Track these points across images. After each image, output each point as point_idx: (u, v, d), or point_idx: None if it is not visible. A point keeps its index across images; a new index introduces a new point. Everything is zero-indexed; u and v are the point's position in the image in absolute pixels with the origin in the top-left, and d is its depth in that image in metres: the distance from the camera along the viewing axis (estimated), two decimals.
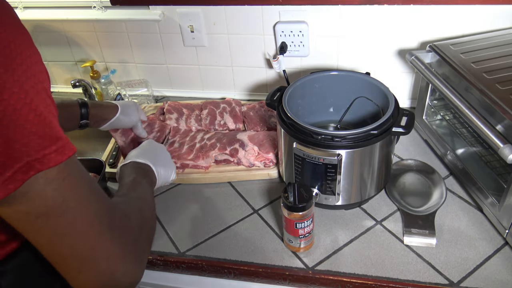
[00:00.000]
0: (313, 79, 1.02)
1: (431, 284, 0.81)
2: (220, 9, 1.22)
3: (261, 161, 1.08)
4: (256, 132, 1.16)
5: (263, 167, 1.08)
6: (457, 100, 0.87)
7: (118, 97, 1.32)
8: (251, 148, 1.08)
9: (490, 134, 0.79)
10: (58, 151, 0.48)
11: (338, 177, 0.88)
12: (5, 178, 0.45)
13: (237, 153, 1.08)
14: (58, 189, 0.49)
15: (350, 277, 0.84)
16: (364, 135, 0.84)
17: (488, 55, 0.94)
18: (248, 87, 1.38)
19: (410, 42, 1.16)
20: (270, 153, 1.08)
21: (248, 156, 1.07)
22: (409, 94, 1.26)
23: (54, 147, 0.47)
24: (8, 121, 0.44)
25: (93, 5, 1.28)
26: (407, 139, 1.15)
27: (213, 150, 1.09)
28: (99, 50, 1.39)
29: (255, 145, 1.09)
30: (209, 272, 0.91)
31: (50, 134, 0.47)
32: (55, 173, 0.49)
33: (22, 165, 0.45)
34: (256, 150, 1.08)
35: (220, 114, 1.23)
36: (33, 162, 0.46)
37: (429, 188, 1.00)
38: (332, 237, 0.92)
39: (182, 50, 1.33)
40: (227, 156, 1.09)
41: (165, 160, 0.92)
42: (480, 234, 0.89)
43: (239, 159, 1.08)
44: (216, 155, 1.10)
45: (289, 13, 1.18)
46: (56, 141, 0.48)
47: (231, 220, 0.98)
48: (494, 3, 1.02)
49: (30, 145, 0.45)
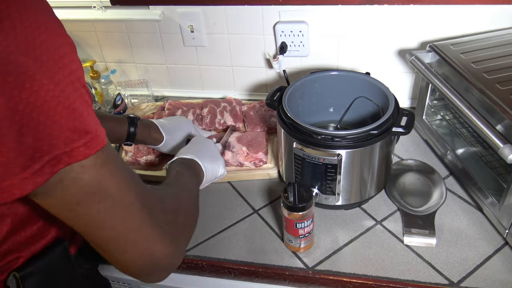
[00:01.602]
0: (313, 79, 1.02)
1: (431, 284, 0.81)
2: (220, 9, 1.22)
3: (251, 161, 1.08)
4: (244, 133, 1.16)
5: (254, 167, 1.08)
6: (457, 100, 0.87)
7: (118, 97, 1.32)
8: (239, 148, 1.08)
9: (490, 134, 0.79)
10: (87, 145, 0.47)
11: (338, 177, 0.88)
12: (34, 171, 0.45)
13: (223, 155, 1.08)
14: (96, 175, 0.49)
15: (350, 277, 0.84)
16: (364, 135, 0.84)
17: (488, 55, 0.94)
18: (248, 87, 1.38)
19: (410, 42, 1.16)
20: (259, 152, 1.08)
21: (236, 156, 1.07)
22: (409, 94, 1.26)
23: (83, 140, 0.47)
24: (38, 114, 0.43)
25: (93, 5, 1.28)
26: (407, 139, 1.15)
27: None
28: (99, 50, 1.39)
29: (243, 145, 1.09)
30: (209, 272, 0.91)
31: (79, 127, 0.47)
32: (92, 161, 0.48)
33: (50, 158, 0.45)
34: (245, 150, 1.08)
35: (220, 112, 1.23)
36: (61, 155, 0.45)
37: (429, 188, 1.00)
38: (332, 237, 0.92)
39: (182, 50, 1.33)
40: None
41: (213, 155, 0.91)
42: (480, 234, 0.89)
43: (226, 160, 1.07)
44: None
45: (289, 13, 1.18)
46: (86, 134, 0.47)
47: (231, 220, 0.98)
48: (494, 3, 1.02)
49: (59, 138, 0.45)
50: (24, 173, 0.44)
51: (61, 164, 0.46)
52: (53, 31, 0.46)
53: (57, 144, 0.45)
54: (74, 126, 0.46)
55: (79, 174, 0.48)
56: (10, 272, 0.59)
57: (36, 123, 0.43)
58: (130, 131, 0.98)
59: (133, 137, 0.99)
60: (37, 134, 0.44)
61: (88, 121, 0.48)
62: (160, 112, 1.26)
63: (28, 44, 0.42)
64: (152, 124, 1.03)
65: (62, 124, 0.45)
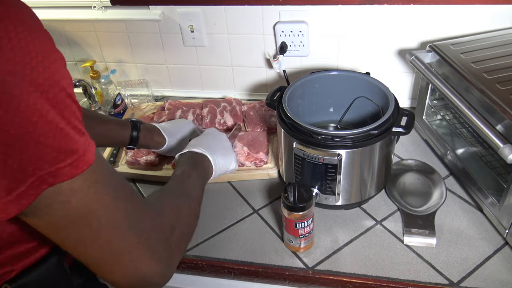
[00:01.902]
0: (313, 79, 1.02)
1: (431, 284, 0.81)
2: (220, 9, 1.22)
3: (251, 161, 1.08)
4: (245, 133, 1.16)
5: (254, 167, 1.08)
6: (457, 100, 0.87)
7: (118, 97, 1.32)
8: (240, 148, 1.08)
9: (490, 134, 0.79)
10: (73, 165, 0.46)
11: (338, 177, 0.88)
12: (19, 193, 0.44)
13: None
14: (83, 199, 0.48)
15: (350, 277, 0.84)
16: (364, 135, 0.84)
17: (488, 55, 0.94)
18: (248, 87, 1.38)
19: (410, 42, 1.16)
20: (260, 152, 1.08)
21: (237, 157, 1.07)
22: (409, 94, 1.26)
23: (68, 160, 0.46)
24: (23, 134, 0.42)
25: (93, 5, 1.28)
26: (407, 139, 1.15)
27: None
28: (99, 50, 1.39)
29: (244, 145, 1.09)
30: (209, 272, 0.91)
31: (65, 147, 0.45)
32: (80, 182, 0.47)
33: (34, 180, 0.44)
34: (246, 150, 1.08)
35: (220, 112, 1.23)
36: (45, 175, 0.45)
37: (429, 188, 1.00)
38: (332, 237, 0.92)
39: (182, 50, 1.33)
40: None
41: (224, 149, 0.90)
42: (480, 234, 0.89)
43: None
44: None
45: (289, 13, 1.18)
46: (71, 154, 0.46)
47: (231, 220, 0.98)
48: (494, 3, 1.02)
49: (44, 158, 0.44)
50: (8, 196, 0.44)
51: (45, 185, 0.45)
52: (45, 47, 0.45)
53: (42, 165, 0.44)
54: (59, 146, 0.45)
55: (67, 198, 0.47)
56: (1, 284, 0.58)
57: (21, 144, 0.42)
58: (133, 135, 0.97)
59: (136, 141, 0.98)
60: (22, 156, 0.43)
61: (74, 139, 0.46)
62: (160, 112, 1.26)
63: (17, 62, 0.41)
64: (154, 128, 1.03)
65: (48, 144, 0.44)
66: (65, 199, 0.47)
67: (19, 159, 0.43)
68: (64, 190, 0.46)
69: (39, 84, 0.43)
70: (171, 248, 0.61)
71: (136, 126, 0.98)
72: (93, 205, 0.50)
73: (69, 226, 0.49)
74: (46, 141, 0.44)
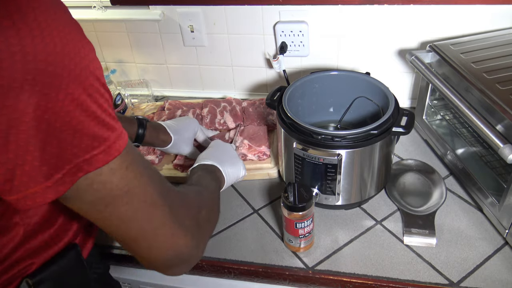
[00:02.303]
0: (313, 79, 1.02)
1: (431, 284, 0.81)
2: (220, 9, 1.22)
3: (254, 154, 1.08)
4: (245, 127, 1.16)
5: (257, 161, 1.08)
6: (457, 100, 0.87)
7: (118, 97, 1.32)
8: (241, 142, 1.09)
9: (490, 134, 0.79)
10: (106, 151, 0.47)
11: (338, 177, 0.88)
12: (56, 180, 0.45)
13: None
14: (123, 178, 0.50)
15: (350, 277, 0.84)
16: (364, 135, 0.84)
17: (488, 55, 0.94)
18: (248, 87, 1.38)
19: (410, 42, 1.16)
20: (262, 146, 1.08)
21: (239, 149, 1.08)
22: (409, 94, 1.26)
23: (102, 147, 0.47)
24: (61, 123, 0.43)
25: (93, 5, 1.28)
26: (407, 139, 1.15)
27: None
28: (99, 50, 1.39)
29: (245, 138, 1.09)
30: (209, 272, 0.91)
31: (99, 134, 0.47)
32: (118, 163, 0.49)
33: (71, 167, 0.45)
34: (246, 143, 1.08)
35: (220, 112, 1.23)
36: (81, 163, 0.46)
37: (429, 188, 1.00)
38: (332, 237, 0.92)
39: (182, 50, 1.33)
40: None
41: (232, 159, 0.92)
42: (480, 234, 0.89)
43: None
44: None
45: (289, 13, 1.18)
46: (104, 141, 0.47)
47: (231, 220, 0.98)
48: (494, 3, 1.02)
49: (80, 146, 0.45)
50: (47, 182, 0.45)
51: (80, 173, 0.46)
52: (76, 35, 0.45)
53: (78, 152, 0.45)
54: (94, 133, 0.46)
55: (108, 177, 0.49)
56: (23, 278, 0.59)
57: (60, 132, 0.44)
58: (139, 132, 0.98)
59: (141, 138, 0.99)
60: (60, 143, 0.44)
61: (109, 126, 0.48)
62: (160, 112, 1.26)
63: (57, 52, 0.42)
64: (160, 126, 1.04)
65: (84, 132, 0.45)
66: (106, 179, 0.49)
67: (58, 146, 0.44)
68: (104, 170, 0.48)
69: (76, 74, 0.44)
70: (200, 226, 0.63)
71: (142, 124, 0.99)
72: (132, 183, 0.52)
73: (111, 205, 0.51)
74: (82, 129, 0.45)
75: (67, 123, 0.44)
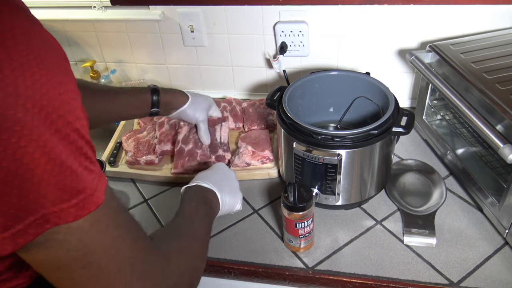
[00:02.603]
0: (313, 79, 1.02)
1: (431, 284, 0.81)
2: (220, 9, 1.22)
3: (258, 160, 1.07)
4: (247, 132, 1.16)
5: (261, 165, 1.08)
6: (457, 100, 0.87)
7: None
8: (244, 148, 1.08)
9: (490, 134, 0.79)
10: (79, 206, 0.43)
11: (338, 177, 0.88)
12: (16, 231, 0.41)
13: (224, 159, 1.08)
14: (82, 239, 0.45)
15: (350, 277, 0.84)
16: (364, 135, 0.84)
17: (488, 55, 0.94)
18: (248, 87, 1.38)
19: (410, 42, 1.16)
20: (265, 150, 1.08)
21: (243, 157, 1.07)
22: (409, 94, 1.26)
23: (74, 200, 0.43)
24: (24, 171, 0.39)
25: (93, 5, 1.28)
26: (407, 139, 1.15)
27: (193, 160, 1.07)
28: (99, 50, 1.39)
29: (248, 144, 1.09)
30: (209, 272, 0.91)
31: (71, 186, 0.42)
32: (80, 221, 0.44)
33: (36, 218, 0.41)
34: (250, 149, 1.08)
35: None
36: (49, 215, 0.42)
37: (429, 188, 1.00)
38: (332, 237, 0.92)
39: (182, 50, 1.33)
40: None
41: (232, 188, 0.86)
42: (480, 234, 0.89)
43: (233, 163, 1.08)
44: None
45: (289, 13, 1.18)
46: (78, 194, 0.43)
47: (231, 220, 0.98)
48: (494, 3, 1.02)
49: (46, 197, 0.41)
50: (4, 233, 0.41)
51: (48, 225, 0.42)
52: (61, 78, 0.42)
53: (44, 203, 0.41)
54: (64, 185, 0.42)
55: (65, 236, 0.44)
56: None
57: (21, 181, 0.39)
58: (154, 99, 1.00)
59: (157, 104, 1.00)
60: (22, 192, 0.40)
61: (82, 178, 0.43)
62: None
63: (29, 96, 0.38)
64: (176, 89, 1.07)
65: (51, 182, 0.41)
66: (63, 237, 0.44)
67: (19, 196, 0.40)
68: (62, 228, 0.43)
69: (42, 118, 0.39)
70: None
71: (155, 91, 1.01)
72: (92, 245, 0.46)
73: (65, 267, 0.46)
74: (48, 179, 0.41)
75: (30, 171, 0.39)
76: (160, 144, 1.12)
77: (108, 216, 0.48)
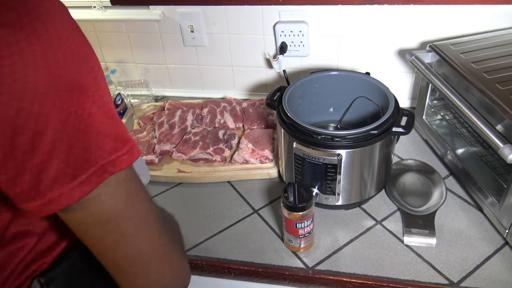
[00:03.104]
0: (313, 79, 1.02)
1: (431, 284, 0.81)
2: (220, 9, 1.22)
3: (257, 158, 1.08)
4: (250, 130, 1.16)
5: (259, 164, 1.08)
6: (457, 100, 0.87)
7: (118, 97, 1.32)
8: (245, 145, 1.09)
9: (490, 134, 0.79)
10: (130, 152, 0.48)
11: (338, 177, 0.88)
12: (81, 180, 0.45)
13: (222, 152, 1.09)
14: (127, 191, 0.50)
15: (350, 277, 0.84)
16: (364, 135, 0.84)
17: (488, 55, 0.94)
18: (248, 87, 1.38)
19: (410, 42, 1.16)
20: (265, 150, 1.08)
21: (242, 153, 1.07)
22: (409, 94, 1.26)
23: (125, 148, 0.48)
24: (85, 126, 0.44)
25: (93, 5, 1.28)
26: (407, 139, 1.15)
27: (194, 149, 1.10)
28: (99, 50, 1.39)
29: (249, 142, 1.09)
30: (209, 272, 0.91)
31: (121, 135, 0.48)
32: (123, 175, 0.49)
33: (97, 168, 0.46)
34: (250, 147, 1.08)
35: (220, 112, 1.23)
36: (106, 164, 0.46)
37: (429, 188, 1.00)
38: (332, 237, 0.92)
39: (182, 50, 1.33)
40: (208, 156, 1.10)
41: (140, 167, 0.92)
42: (480, 234, 0.89)
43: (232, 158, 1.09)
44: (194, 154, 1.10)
45: (289, 13, 1.18)
46: (127, 142, 0.48)
47: (231, 220, 0.98)
48: (494, 3, 1.02)
49: (104, 148, 0.46)
50: (72, 182, 0.45)
51: (106, 174, 0.46)
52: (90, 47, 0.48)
53: (102, 154, 0.46)
54: (116, 135, 0.47)
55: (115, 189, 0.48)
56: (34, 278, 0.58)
57: (84, 134, 0.44)
58: None
59: None
60: (85, 145, 0.45)
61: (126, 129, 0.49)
62: (160, 112, 1.26)
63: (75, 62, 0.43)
64: None
65: (107, 134, 0.46)
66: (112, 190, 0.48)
67: (83, 148, 0.45)
68: (112, 181, 0.48)
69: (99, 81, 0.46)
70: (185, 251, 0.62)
71: None
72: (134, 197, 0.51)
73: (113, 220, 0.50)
74: (105, 131, 0.46)
75: (90, 125, 0.44)
76: (159, 144, 1.12)
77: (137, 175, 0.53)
